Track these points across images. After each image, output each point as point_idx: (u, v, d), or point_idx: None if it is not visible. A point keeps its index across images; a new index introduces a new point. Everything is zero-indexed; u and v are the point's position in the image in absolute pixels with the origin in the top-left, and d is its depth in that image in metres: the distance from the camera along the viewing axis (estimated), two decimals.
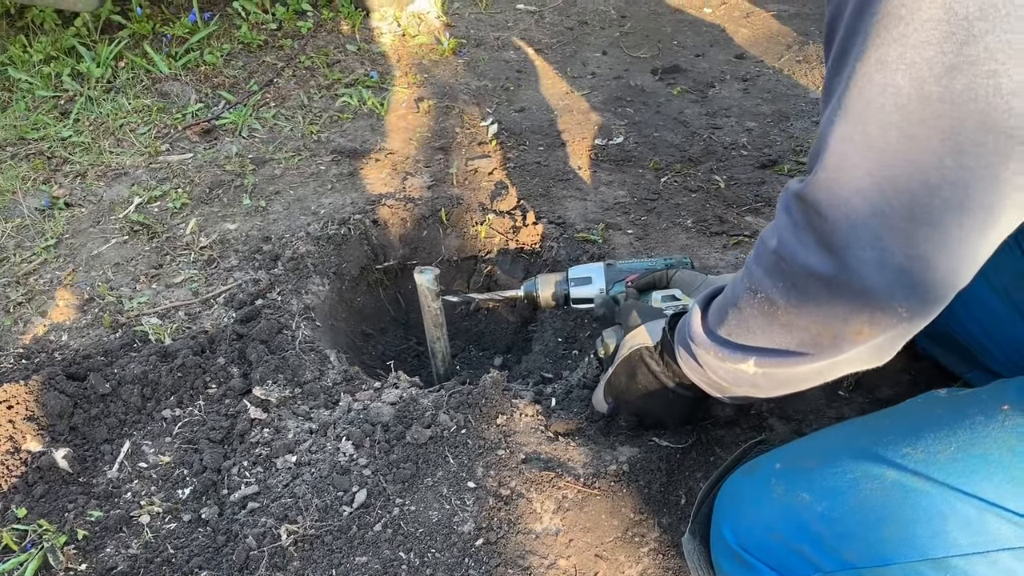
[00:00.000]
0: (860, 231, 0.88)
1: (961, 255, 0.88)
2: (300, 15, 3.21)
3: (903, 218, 0.86)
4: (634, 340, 1.40)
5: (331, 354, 1.72)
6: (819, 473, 1.06)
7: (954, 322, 1.45)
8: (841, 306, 0.94)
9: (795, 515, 1.06)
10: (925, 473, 0.97)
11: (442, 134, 2.51)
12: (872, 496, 1.00)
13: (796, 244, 0.95)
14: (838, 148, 0.88)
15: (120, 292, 1.90)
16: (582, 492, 1.42)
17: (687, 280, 1.60)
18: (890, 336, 0.96)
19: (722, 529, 1.16)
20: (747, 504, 1.14)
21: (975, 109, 0.80)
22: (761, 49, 3.08)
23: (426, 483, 1.43)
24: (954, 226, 0.85)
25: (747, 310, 1.07)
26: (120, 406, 1.59)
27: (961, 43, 0.78)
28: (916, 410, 1.10)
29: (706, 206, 2.17)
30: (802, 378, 1.09)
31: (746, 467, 1.21)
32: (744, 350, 1.11)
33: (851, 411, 1.55)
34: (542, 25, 3.32)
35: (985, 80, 0.78)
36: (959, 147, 0.81)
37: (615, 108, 2.66)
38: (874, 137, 0.85)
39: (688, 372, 1.27)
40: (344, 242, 2.04)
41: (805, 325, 1.00)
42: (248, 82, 2.77)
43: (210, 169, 2.33)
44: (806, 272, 0.95)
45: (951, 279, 0.90)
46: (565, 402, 1.63)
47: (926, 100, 0.81)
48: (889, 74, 0.82)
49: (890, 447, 1.02)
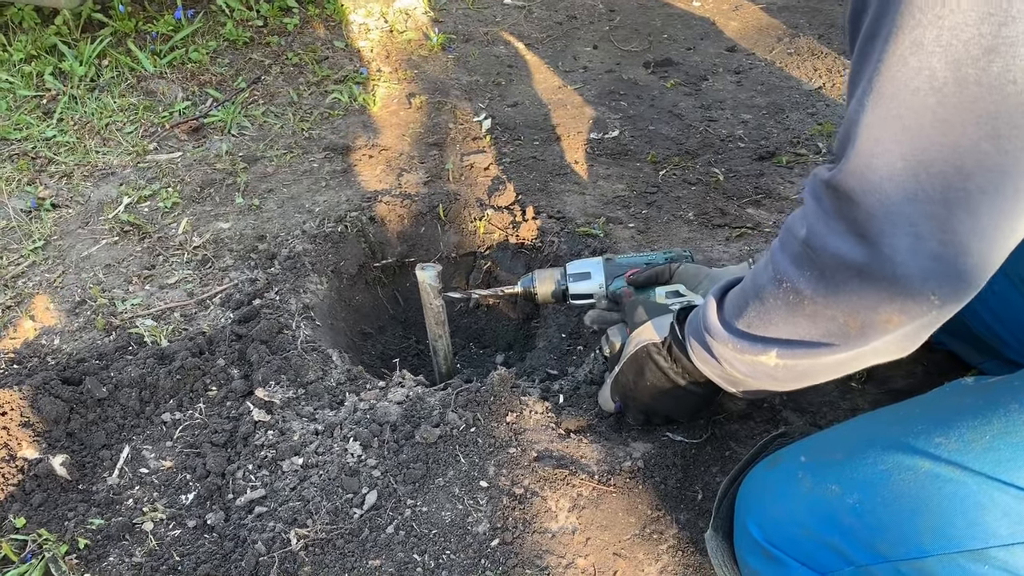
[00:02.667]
0: (894, 217, 0.87)
1: (994, 241, 0.86)
2: (286, 12, 3.16)
3: (938, 203, 0.84)
4: (640, 337, 1.38)
5: (333, 354, 1.68)
6: (849, 465, 1.04)
7: (968, 312, 1.42)
8: (872, 295, 0.93)
9: (824, 508, 1.04)
10: (960, 463, 0.95)
11: (435, 130, 2.48)
12: (906, 487, 0.97)
13: (827, 232, 0.93)
14: (870, 133, 0.86)
15: (112, 294, 1.85)
16: (597, 489, 1.39)
17: (690, 274, 1.57)
18: (918, 325, 0.95)
19: (747, 523, 1.13)
20: (773, 498, 1.12)
21: (1013, 92, 0.78)
22: (752, 42, 3.06)
23: (437, 483, 1.40)
24: (989, 212, 0.84)
25: (770, 301, 1.05)
26: (118, 410, 1.55)
27: (1000, 24, 0.76)
28: (945, 399, 1.08)
29: (706, 199, 2.15)
30: (823, 370, 1.07)
31: (769, 460, 1.19)
32: (765, 342, 1.09)
33: (865, 403, 1.54)
34: (531, 20, 3.30)
35: (1018, 62, 0.76)
36: (996, 131, 0.80)
37: (609, 102, 2.64)
38: (908, 121, 0.83)
39: (701, 365, 1.25)
40: (341, 240, 2.00)
41: (832, 315, 0.98)
42: (235, 79, 2.72)
43: (200, 168, 2.28)
44: (837, 260, 0.93)
45: (984, 265, 0.88)
46: (573, 398, 1.60)
47: (963, 83, 0.79)
48: (924, 56, 0.80)
49: (921, 437, 1.00)
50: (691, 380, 1.32)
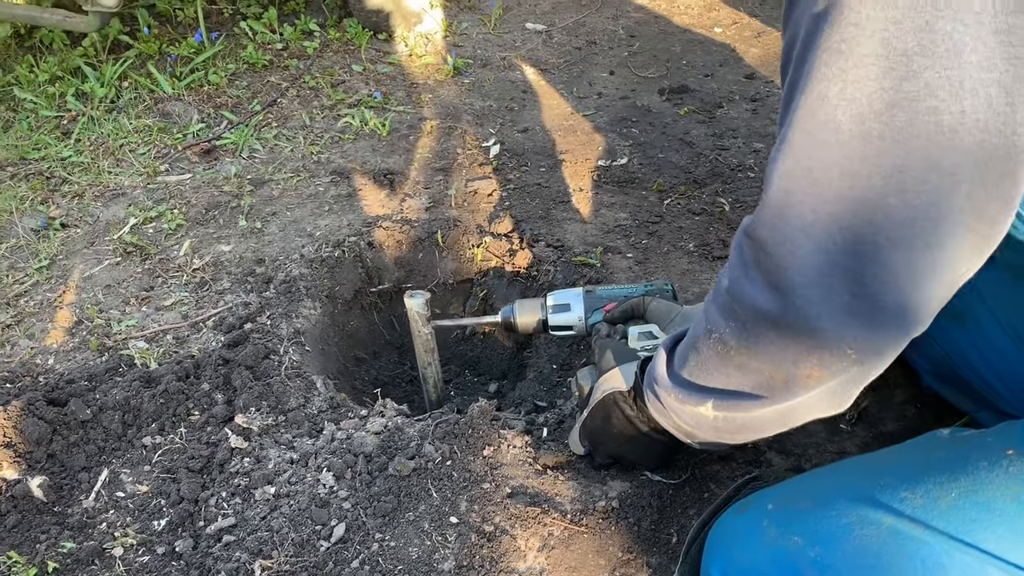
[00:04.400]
0: (805, 269, 0.86)
1: (911, 296, 0.85)
2: (307, 35, 3.20)
3: (849, 256, 0.84)
4: (607, 384, 1.37)
5: (318, 380, 1.68)
6: (813, 516, 1.01)
7: (962, 362, 1.39)
8: (790, 347, 0.93)
9: (786, 559, 1.01)
10: (924, 520, 0.92)
11: (443, 155, 2.48)
12: (867, 542, 0.95)
13: (745, 283, 0.94)
14: (781, 185, 0.86)
15: (109, 315, 1.87)
16: (568, 529, 1.36)
17: (662, 311, 1.55)
18: (842, 380, 0.94)
19: (710, 570, 1.11)
20: (738, 545, 1.09)
21: (917, 146, 0.78)
22: (771, 69, 3.02)
23: (407, 517, 1.38)
24: (902, 266, 0.83)
25: (704, 351, 1.06)
26: (100, 433, 1.56)
27: (901, 79, 0.76)
28: (917, 452, 1.05)
29: (709, 229, 2.11)
30: (760, 423, 1.07)
31: (738, 506, 1.16)
32: (703, 392, 1.09)
33: (853, 445, 1.49)
34: (550, 45, 3.29)
35: (926, 117, 0.76)
36: (902, 185, 0.79)
37: (620, 129, 2.62)
38: (817, 174, 0.83)
39: (656, 415, 1.25)
40: (338, 264, 2.00)
41: (757, 367, 0.99)
42: (251, 102, 2.76)
43: (208, 190, 2.31)
44: (755, 312, 0.93)
45: (902, 321, 0.87)
46: (557, 432, 1.58)
47: (867, 137, 0.79)
48: (830, 110, 0.80)
49: (888, 490, 0.97)
50: (655, 429, 1.30)
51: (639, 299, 1.62)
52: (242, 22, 3.19)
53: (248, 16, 3.27)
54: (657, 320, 1.56)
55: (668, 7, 3.57)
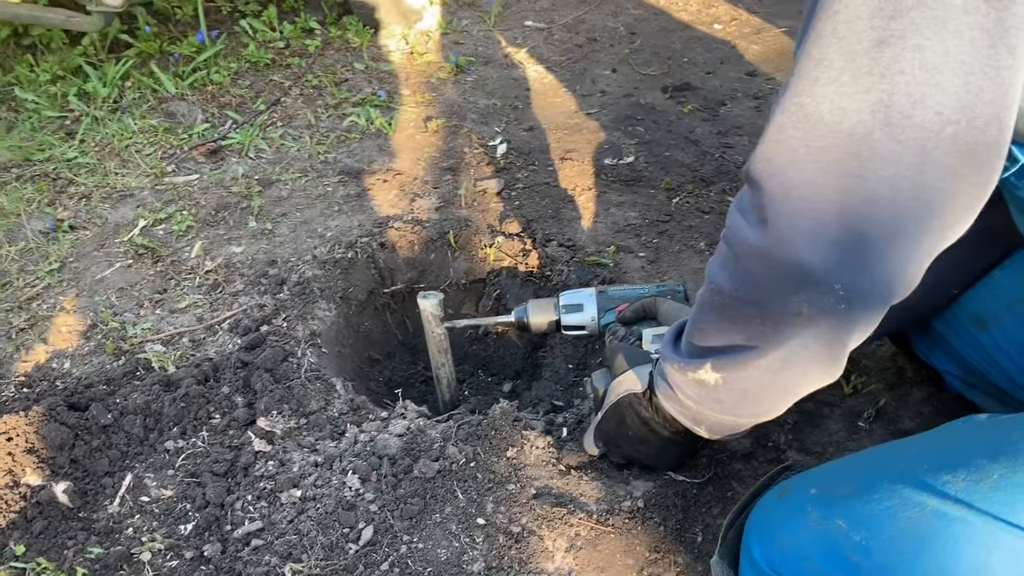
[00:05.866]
0: (794, 201, 0.90)
1: (896, 240, 0.89)
2: (307, 33, 3.19)
3: (836, 190, 0.87)
4: (621, 387, 1.39)
5: (337, 383, 1.68)
6: (857, 499, 1.02)
7: (989, 364, 1.41)
8: (778, 281, 0.96)
9: (831, 543, 1.02)
10: (968, 501, 0.93)
11: (450, 154, 2.48)
12: (912, 525, 0.96)
13: (740, 221, 0.97)
14: (777, 121, 0.90)
15: (124, 318, 1.87)
16: (595, 529, 1.37)
17: (672, 312, 1.58)
18: (832, 325, 0.96)
19: (753, 552, 1.12)
20: (780, 529, 1.10)
21: (902, 82, 0.81)
22: (773, 66, 3.04)
23: (434, 519, 1.39)
24: (888, 204, 0.86)
25: (704, 308, 1.10)
26: (122, 437, 1.56)
27: (889, 17, 0.80)
28: (956, 435, 1.06)
29: (719, 228, 2.12)
30: (757, 386, 1.10)
31: (778, 490, 1.17)
32: (702, 354, 1.12)
33: (872, 443, 1.51)
34: (551, 42, 3.30)
35: (911, 54, 0.80)
36: (888, 119, 0.83)
37: (625, 127, 2.63)
38: (809, 109, 0.86)
39: (665, 403, 1.27)
40: (351, 266, 2.01)
41: (749, 313, 1.02)
42: (255, 101, 2.75)
43: (216, 191, 2.30)
44: (745, 247, 0.97)
45: (887, 266, 0.91)
46: (576, 432, 1.59)
47: (856, 73, 0.83)
48: (823, 47, 0.84)
49: (930, 473, 0.98)
50: (672, 430, 1.32)
51: (651, 300, 1.63)
52: (242, 20, 3.18)
53: (247, 14, 3.26)
54: (668, 321, 1.58)
55: (667, 3, 3.58)
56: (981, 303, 1.44)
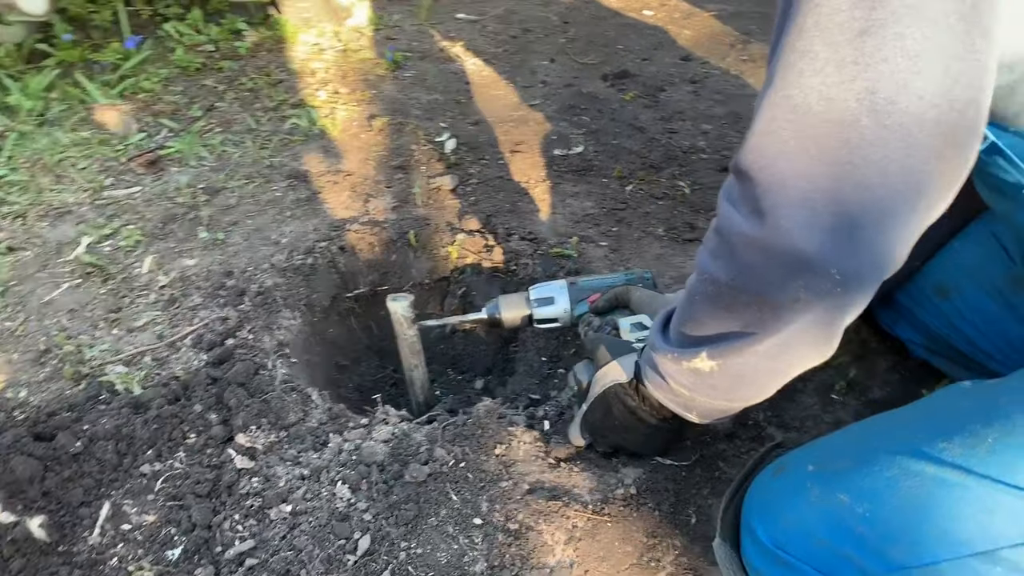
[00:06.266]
0: (789, 191, 0.92)
1: (886, 220, 0.92)
2: (235, 35, 3.11)
3: (828, 178, 0.90)
4: (607, 378, 1.40)
5: (313, 393, 1.65)
6: (856, 474, 1.05)
7: (951, 330, 1.47)
8: (776, 271, 0.98)
9: (835, 518, 1.05)
10: (965, 467, 0.97)
11: (398, 152, 2.45)
12: (913, 494, 0.99)
13: (733, 215, 0.99)
14: (766, 114, 0.92)
15: (79, 340, 1.80)
16: (592, 520, 1.38)
17: (646, 300, 1.60)
18: (827, 307, 0.99)
19: (756, 532, 1.14)
20: (782, 507, 1.13)
21: (886, 70, 0.84)
22: (705, 50, 3.10)
23: (430, 523, 1.39)
24: (877, 187, 0.89)
25: (696, 299, 1.11)
26: (94, 465, 1.50)
27: (870, 8, 0.83)
28: (945, 404, 1.10)
29: (674, 213, 2.16)
30: (753, 371, 1.12)
31: (774, 468, 1.20)
32: (696, 343, 1.13)
33: (846, 414, 1.56)
34: (485, 34, 3.29)
35: (893, 42, 0.83)
36: (874, 106, 0.86)
37: (570, 117, 2.64)
38: (796, 101, 0.89)
39: (655, 392, 1.28)
40: (312, 272, 1.97)
41: (746, 301, 1.03)
42: (190, 107, 2.67)
43: (160, 202, 2.23)
44: (741, 239, 0.99)
45: (879, 246, 0.93)
46: (558, 424, 1.60)
47: (841, 63, 0.85)
48: (807, 40, 0.87)
49: (926, 442, 1.02)
50: (659, 417, 1.34)
51: (623, 288, 1.66)
52: (165, 24, 3.08)
53: (170, 17, 3.15)
54: (642, 309, 1.60)
55: None
56: (942, 273, 1.49)
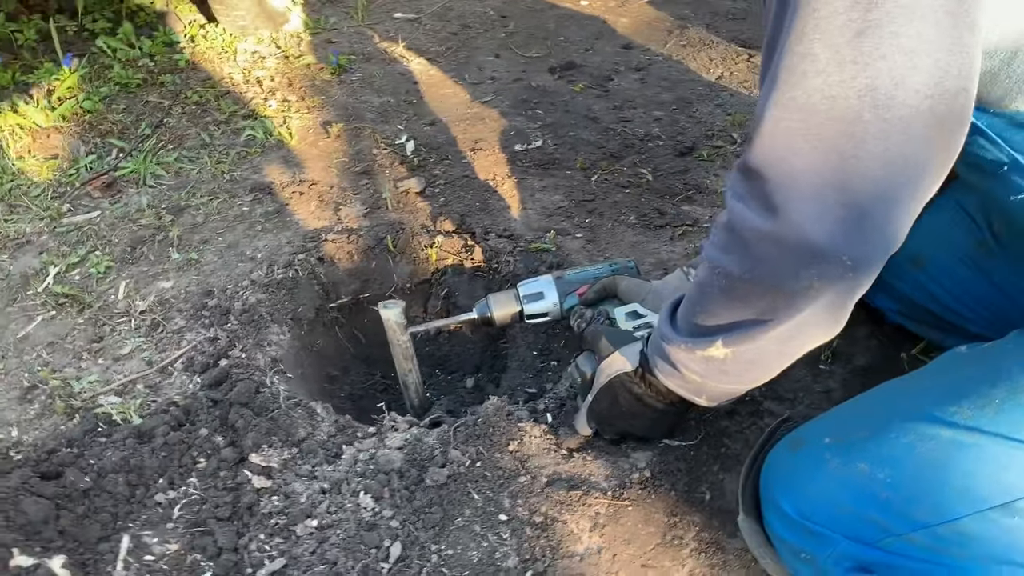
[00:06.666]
0: (800, 187, 0.98)
1: (891, 206, 0.98)
2: (171, 47, 3.04)
3: (835, 171, 0.96)
4: (611, 368, 1.45)
5: (317, 406, 1.66)
6: (873, 443, 1.13)
7: (925, 296, 1.56)
8: (790, 261, 1.03)
9: (858, 486, 1.12)
10: (977, 427, 1.05)
11: (359, 157, 2.45)
12: (931, 457, 1.07)
13: (744, 211, 1.04)
14: (772, 115, 0.97)
15: (64, 373, 1.76)
16: (612, 505, 1.44)
17: (634, 289, 1.65)
18: (839, 291, 1.05)
19: (782, 505, 1.20)
20: (805, 480, 1.19)
21: (884, 67, 0.90)
22: (644, 37, 3.17)
23: (457, 524, 1.42)
24: (882, 177, 0.95)
25: (708, 292, 1.16)
26: (107, 499, 1.48)
27: (865, 9, 0.88)
28: (948, 370, 1.18)
29: (642, 201, 2.22)
30: (765, 355, 1.17)
31: (789, 443, 1.26)
32: (710, 333, 1.18)
33: (835, 382, 1.64)
34: (425, 33, 3.29)
35: (890, 40, 0.89)
36: (875, 101, 0.91)
37: (525, 111, 2.68)
38: (801, 101, 0.94)
39: (665, 380, 1.33)
40: (295, 285, 1.96)
41: (761, 291, 1.08)
42: (137, 125, 2.61)
43: (125, 225, 2.18)
44: (755, 234, 1.04)
45: (885, 230, 1.00)
46: (561, 416, 1.64)
47: (841, 63, 0.91)
48: (807, 43, 0.92)
49: (937, 407, 1.10)
50: (666, 402, 1.40)
51: (610, 279, 1.71)
52: (97, 40, 2.99)
53: (98, 32, 3.06)
54: (631, 298, 1.65)
55: None
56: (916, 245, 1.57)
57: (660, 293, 1.62)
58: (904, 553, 1.10)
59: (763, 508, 1.27)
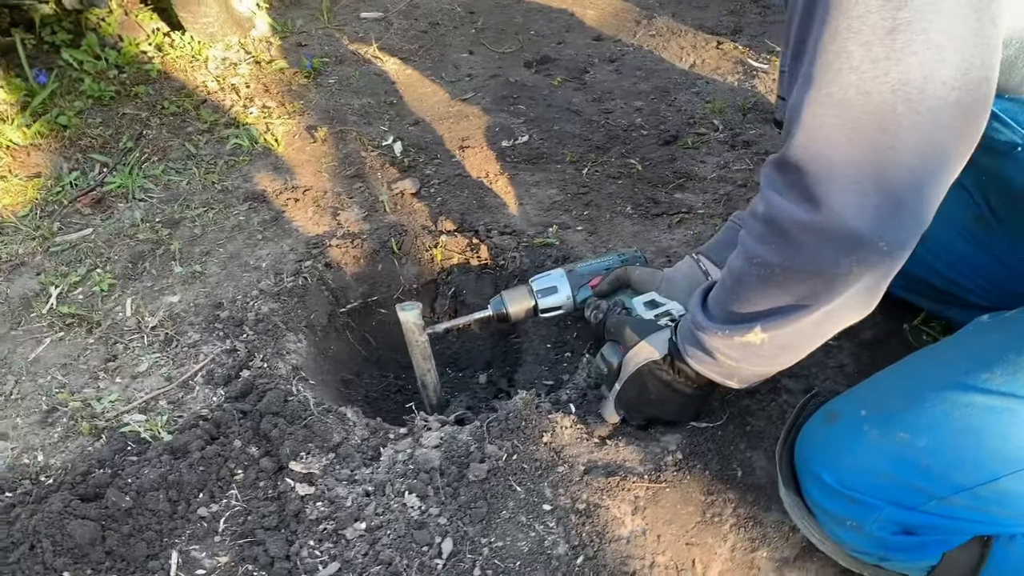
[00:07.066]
0: (838, 179, 1.04)
1: (923, 194, 1.05)
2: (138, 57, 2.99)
3: (872, 164, 1.02)
4: (639, 356, 1.51)
5: (347, 411, 1.68)
6: (910, 413, 1.20)
7: (926, 270, 1.64)
8: (831, 249, 1.08)
9: (898, 454, 1.19)
10: (1009, 392, 1.13)
11: (349, 161, 2.46)
12: (966, 423, 1.15)
13: (784, 203, 1.10)
14: (810, 111, 1.02)
15: (83, 394, 1.75)
16: (651, 488, 1.49)
17: (647, 278, 1.71)
18: (876, 275, 1.11)
19: (822, 476, 1.26)
20: (845, 452, 1.26)
21: (915, 62, 0.96)
22: (613, 28, 3.22)
23: (503, 516, 1.46)
24: (915, 165, 1.02)
25: (746, 281, 1.21)
26: (150, 516, 1.48)
27: (896, 8, 0.94)
28: (974, 340, 1.26)
29: (635, 190, 2.28)
30: (800, 338, 1.24)
31: (823, 417, 1.33)
32: (749, 319, 1.24)
33: (845, 357, 1.72)
34: (394, 32, 3.30)
35: (920, 36, 0.95)
36: (907, 95, 0.98)
37: (507, 107, 2.71)
38: (837, 98, 1.00)
39: (698, 366, 1.39)
40: (305, 292, 1.97)
41: (801, 278, 1.14)
42: (118, 139, 2.57)
43: (121, 241, 2.16)
44: (797, 225, 1.09)
45: (918, 214, 1.06)
46: (583, 405, 1.69)
47: (875, 60, 0.97)
48: (841, 42, 0.98)
49: (969, 375, 1.17)
50: (694, 387, 1.46)
51: (622, 269, 1.75)
52: (62, 53, 2.93)
53: (60, 45, 3.00)
54: (644, 287, 1.71)
55: None
56: None
57: (673, 281, 1.68)
58: (947, 514, 1.18)
59: (801, 480, 1.34)
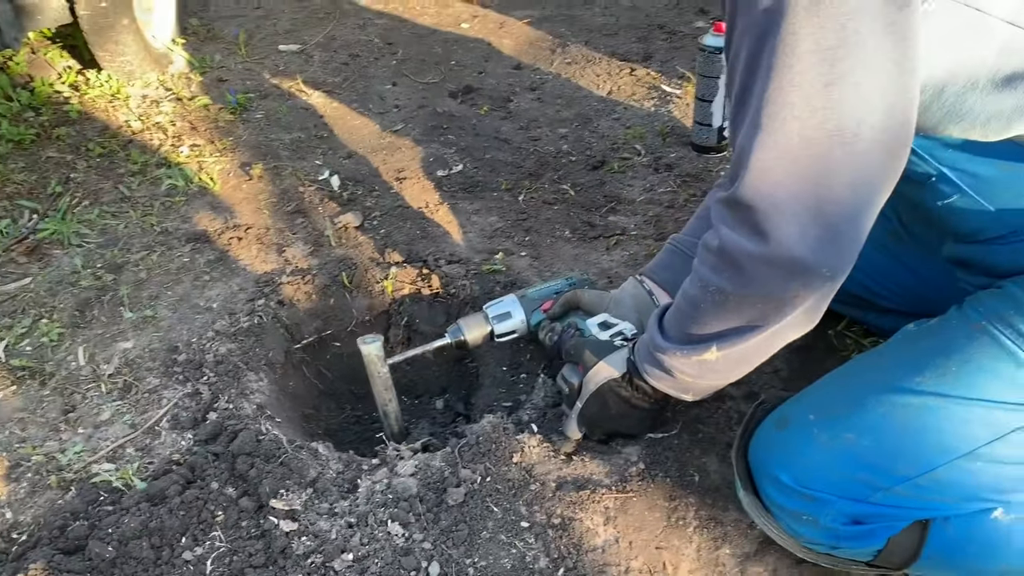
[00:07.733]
0: (784, 215, 1.17)
1: (858, 223, 1.20)
2: (57, 98, 2.94)
3: (813, 199, 1.16)
4: (599, 376, 1.62)
5: (319, 446, 1.72)
6: (854, 416, 1.36)
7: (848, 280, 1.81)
8: (778, 277, 1.23)
9: (847, 453, 1.34)
10: (940, 392, 1.29)
11: (288, 197, 2.50)
12: (905, 421, 1.31)
13: (735, 237, 1.23)
14: (757, 155, 1.16)
15: (46, 447, 1.74)
16: (619, 499, 1.60)
17: (595, 301, 1.83)
18: (818, 296, 1.26)
19: (780, 477, 1.40)
20: (798, 453, 1.40)
21: (848, 111, 1.11)
22: (531, 57, 3.35)
23: (484, 536, 1.53)
24: (850, 199, 1.17)
25: (702, 306, 1.34)
26: (135, 565, 1.49)
27: (831, 64, 1.09)
28: (905, 347, 1.42)
29: (570, 215, 2.39)
30: (753, 352, 1.38)
31: (774, 423, 1.48)
32: (705, 340, 1.37)
33: (780, 363, 1.86)
34: (315, 65, 3.34)
35: (852, 89, 1.10)
36: (843, 139, 1.12)
37: (437, 137, 2.80)
38: (782, 143, 1.14)
39: (656, 383, 1.52)
40: (261, 331, 2.00)
41: (753, 302, 1.28)
42: (44, 184, 2.53)
43: (64, 289, 2.14)
44: (747, 256, 1.23)
45: (854, 240, 1.21)
46: (544, 424, 1.78)
47: (814, 109, 1.11)
48: (785, 95, 1.12)
49: (904, 379, 1.33)
50: (651, 401, 1.60)
51: (572, 293, 1.86)
52: None
53: None
54: (595, 309, 1.82)
55: (403, 9, 3.75)
56: None
57: (621, 301, 1.80)
58: (892, 503, 1.33)
59: (758, 481, 1.47)
